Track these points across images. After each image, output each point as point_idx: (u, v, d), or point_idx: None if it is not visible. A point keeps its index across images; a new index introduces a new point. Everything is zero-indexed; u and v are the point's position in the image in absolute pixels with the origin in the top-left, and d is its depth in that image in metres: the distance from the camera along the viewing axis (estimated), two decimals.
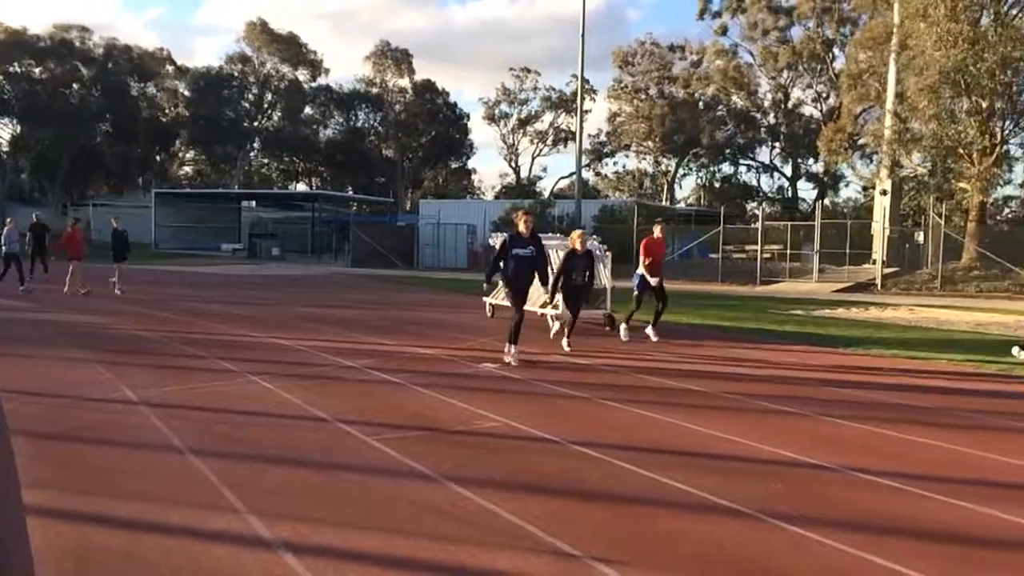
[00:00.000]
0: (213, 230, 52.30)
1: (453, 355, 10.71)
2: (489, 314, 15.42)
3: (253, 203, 60.60)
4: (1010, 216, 39.60)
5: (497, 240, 9.57)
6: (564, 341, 11.52)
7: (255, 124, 68.06)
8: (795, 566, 4.00)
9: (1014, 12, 27.40)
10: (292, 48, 66.46)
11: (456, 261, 37.60)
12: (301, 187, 75.24)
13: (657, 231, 12.92)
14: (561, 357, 10.72)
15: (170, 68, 67.29)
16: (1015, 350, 11.32)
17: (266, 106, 68.64)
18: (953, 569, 3.98)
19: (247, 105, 67.61)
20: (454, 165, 73.71)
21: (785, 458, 5.96)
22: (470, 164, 78.35)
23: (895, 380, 9.51)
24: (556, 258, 13.98)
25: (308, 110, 71.28)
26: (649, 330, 12.66)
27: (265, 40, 65.37)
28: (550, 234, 17.43)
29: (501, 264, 10.15)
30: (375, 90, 69.11)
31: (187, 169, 76.47)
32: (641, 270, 12.69)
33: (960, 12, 25.41)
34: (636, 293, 12.82)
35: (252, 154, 72.06)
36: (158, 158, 67.94)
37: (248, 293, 21.23)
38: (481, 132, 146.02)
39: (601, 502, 4.92)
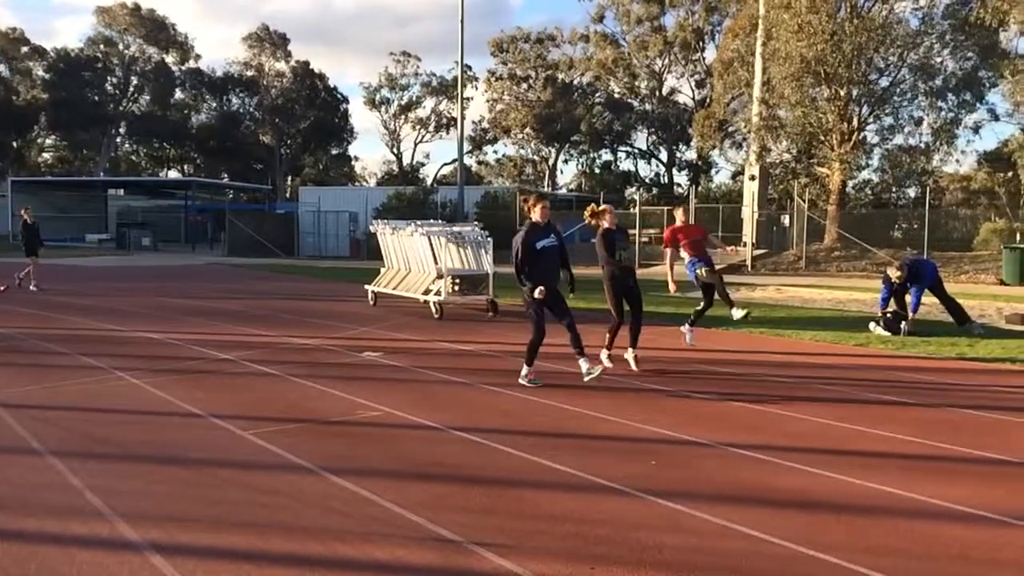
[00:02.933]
0: (77, 220, 49.49)
1: (334, 345, 10.52)
2: (372, 302, 15.24)
3: (121, 191, 57.68)
4: (868, 199, 42.00)
5: (517, 244, 7.81)
6: (628, 355, 9.13)
7: (120, 108, 64.75)
8: (667, 539, 4.12)
9: (869, 5, 28.96)
10: (159, 30, 63.51)
11: (338, 249, 36.92)
12: (173, 174, 72.18)
13: (679, 215, 10.63)
14: (443, 344, 10.69)
15: (25, 49, 63.14)
16: (872, 325, 12.03)
17: (132, 90, 65.42)
18: (813, 534, 4.20)
19: (111, 89, 64.24)
20: (335, 151, 72.28)
21: (662, 436, 6.14)
22: (351, 150, 77.20)
23: (763, 357, 9.94)
24: (438, 245, 13.95)
25: (179, 94, 68.36)
26: (686, 328, 10.34)
27: (130, 21, 62.21)
28: (432, 221, 17.36)
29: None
30: (250, 74, 66.92)
31: (47, 156, 72.04)
32: (687, 257, 10.28)
33: (819, 4, 26.68)
34: (701, 283, 10.31)
35: (118, 140, 68.58)
36: (14, 144, 63.71)
37: (116, 285, 20.22)
38: (363, 118, 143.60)
39: (483, 487, 4.94)
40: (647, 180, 61.73)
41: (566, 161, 65.93)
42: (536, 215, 8.17)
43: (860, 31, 26.82)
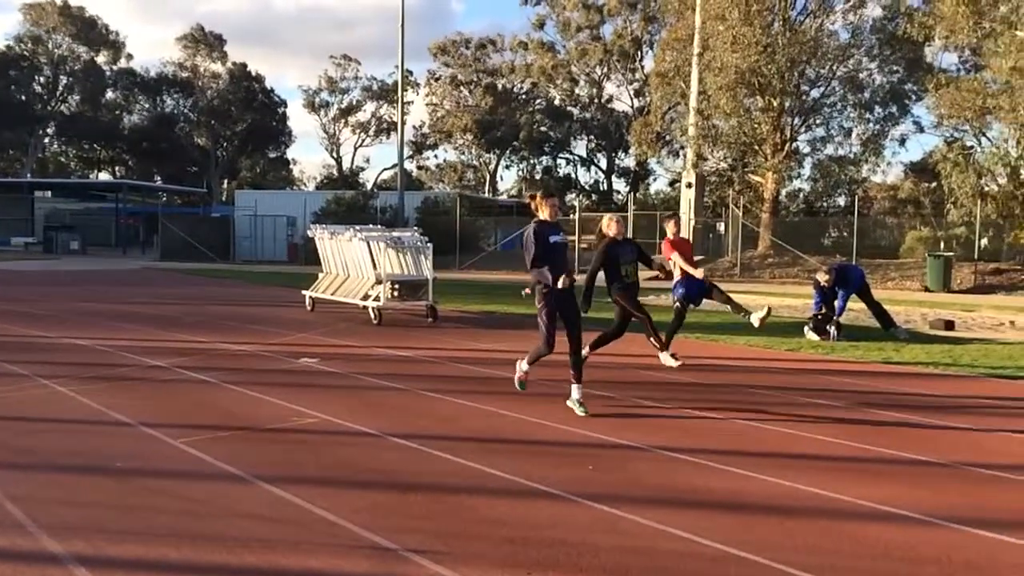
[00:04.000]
0: (2, 223, 47.84)
1: (270, 351, 10.37)
2: (309, 308, 15.05)
3: (48, 193, 55.93)
4: (800, 208, 43.07)
5: (530, 235, 7.18)
6: (664, 356, 9.08)
7: (49, 108, 62.81)
8: (603, 542, 4.16)
9: (801, 18, 29.75)
10: (90, 28, 61.82)
11: (275, 254, 36.42)
12: (104, 176, 70.22)
13: (671, 228, 10.33)
14: (382, 350, 10.62)
15: None
16: (806, 330, 12.34)
17: (61, 90, 63.54)
18: (744, 535, 4.28)
19: (39, 88, 62.29)
20: (272, 154, 71.21)
21: (599, 440, 6.20)
22: (290, 154, 76.15)
23: (698, 362, 10.11)
24: (377, 250, 13.85)
25: (110, 94, 66.61)
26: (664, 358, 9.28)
27: (60, 19, 60.44)
28: (371, 225, 17.25)
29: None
30: (185, 75, 65.59)
31: None
32: (677, 274, 10.24)
33: (753, 16, 27.31)
34: (676, 305, 10.35)
35: (46, 140, 66.50)
36: None
37: (43, 290, 19.60)
38: (302, 121, 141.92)
39: (420, 493, 4.92)
40: (587, 187, 62.27)
41: (507, 167, 66.14)
42: (545, 213, 7.38)
43: (792, 44, 27.55)
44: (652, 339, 8.99)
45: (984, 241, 27.09)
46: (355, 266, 14.34)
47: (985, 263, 24.77)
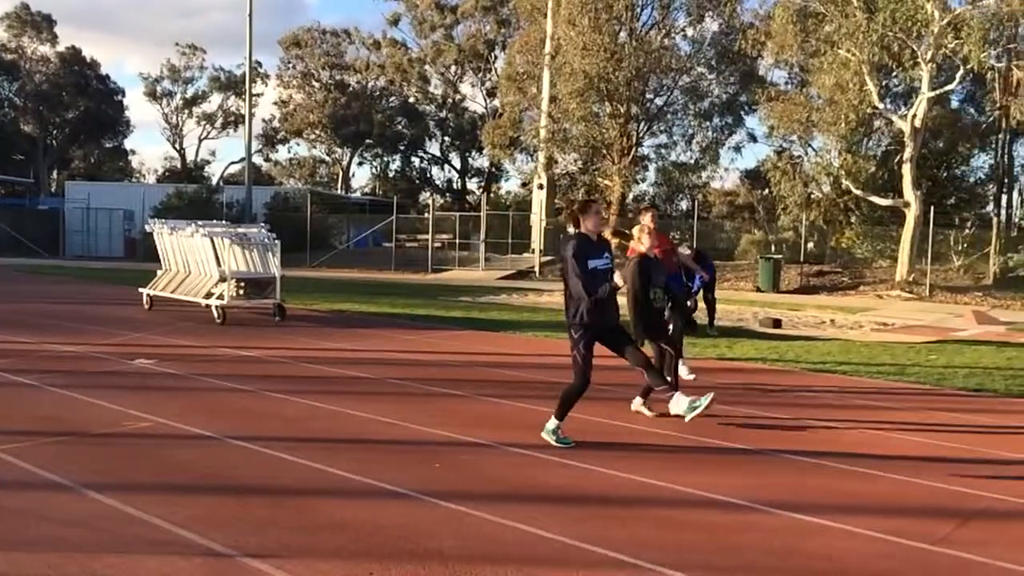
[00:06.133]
0: None
1: (103, 352, 9.80)
2: (147, 306, 14.32)
3: None
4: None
5: (569, 257, 6.11)
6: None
7: None
8: (448, 539, 4.20)
9: (646, 29, 30.96)
10: None
11: (111, 250, 34.36)
12: None
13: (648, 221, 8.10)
14: (225, 350, 10.25)
15: None
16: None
17: None
18: (583, 526, 4.43)
19: None
20: (109, 145, 67.06)
21: (447, 438, 6.24)
22: (128, 144, 71.83)
23: (547, 360, 10.35)
24: (221, 246, 13.35)
25: None
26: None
27: None
28: (215, 221, 16.60)
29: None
30: (10, 57, 60.78)
31: None
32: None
33: (603, 24, 28.19)
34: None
35: None
36: None
37: None
38: (142, 111, 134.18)
39: (261, 497, 4.80)
40: (440, 185, 62.29)
41: (360, 164, 65.18)
42: (589, 224, 6.24)
43: (638, 53, 28.62)
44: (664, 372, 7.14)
45: (810, 245, 29.06)
46: (197, 263, 13.77)
47: (810, 265, 26.59)
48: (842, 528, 4.53)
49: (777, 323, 14.41)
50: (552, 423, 6.15)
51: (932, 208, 24.25)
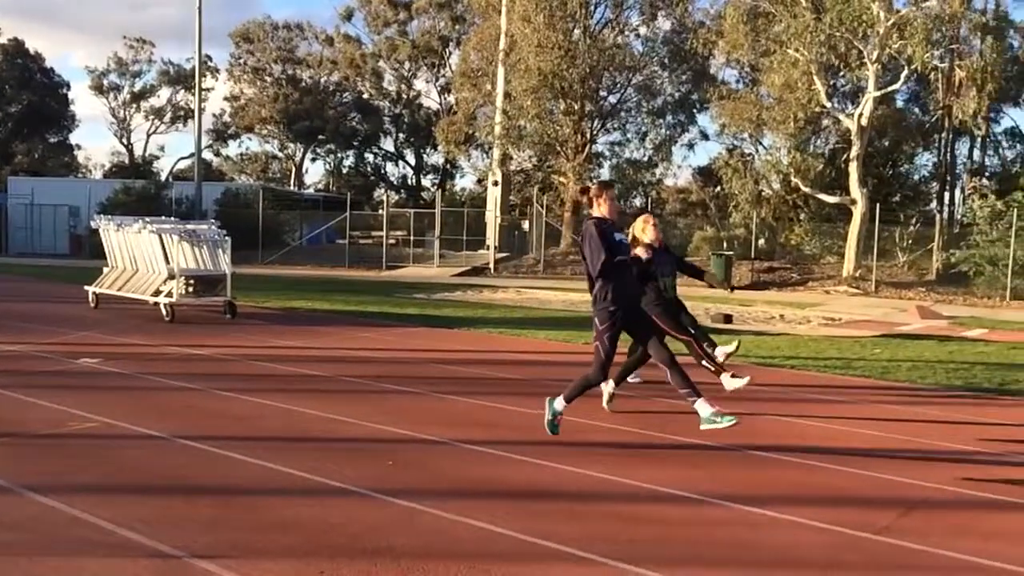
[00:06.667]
0: None
1: (46, 351, 9.56)
2: (93, 304, 14.02)
3: None
4: None
5: (593, 234, 5.94)
6: (725, 379, 7.31)
7: None
8: (400, 537, 4.19)
9: (600, 27, 31.13)
10: None
11: (56, 247, 33.55)
12: None
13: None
14: (174, 348, 10.08)
15: None
16: None
17: None
18: (538, 522, 4.45)
19: None
20: (53, 139, 65.45)
21: (399, 436, 6.21)
22: (73, 139, 70.23)
23: (500, 356, 10.37)
24: (169, 243, 13.12)
25: None
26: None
27: None
28: (164, 217, 16.32)
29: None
30: None
31: None
32: None
33: (557, 21, 28.28)
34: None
35: None
36: None
37: None
38: (89, 105, 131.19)
39: (210, 497, 4.74)
40: (395, 182, 61.92)
41: (313, 160, 64.49)
42: (604, 209, 6.11)
43: (592, 50, 28.77)
44: (705, 361, 7.29)
45: (761, 241, 29.51)
46: (145, 260, 13.52)
47: (761, 262, 27.02)
48: (790, 519, 4.61)
49: (728, 318, 14.62)
50: (559, 403, 6.09)
51: (878, 205, 24.79)
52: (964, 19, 24.05)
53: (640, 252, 6.20)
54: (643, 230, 6.77)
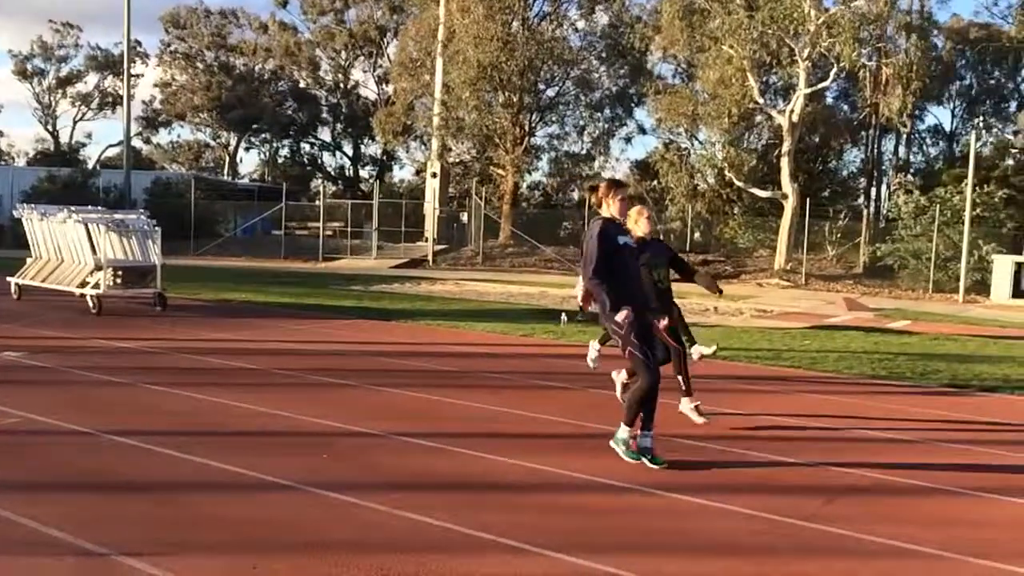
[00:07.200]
0: None
1: None
2: (15, 296, 13.55)
3: None
4: (539, 200, 45.19)
5: (593, 237, 5.60)
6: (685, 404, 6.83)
7: None
8: (334, 530, 4.17)
9: (539, 20, 31.20)
10: None
11: None
12: None
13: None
14: (101, 341, 9.80)
15: None
16: (563, 317, 13.03)
17: None
18: (473, 513, 4.47)
19: None
20: None
21: (335, 429, 6.16)
22: None
23: (438, 348, 10.35)
24: (96, 233, 12.75)
25: None
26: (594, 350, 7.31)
27: None
28: (91, 207, 15.84)
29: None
30: None
31: None
32: None
33: (495, 13, 28.25)
34: None
35: None
36: None
37: None
38: (11, 89, 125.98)
39: (139, 494, 4.64)
40: (332, 173, 61.16)
41: (247, 149, 63.27)
42: (614, 208, 5.77)
43: (531, 43, 28.83)
44: (682, 378, 6.84)
45: (696, 235, 30.01)
46: (71, 250, 13.10)
47: (696, 254, 27.46)
48: (719, 507, 4.72)
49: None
50: (622, 432, 5.51)
51: (808, 200, 25.43)
52: (891, 18, 24.79)
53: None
54: (636, 222, 6.47)
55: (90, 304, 12.28)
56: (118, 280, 12.87)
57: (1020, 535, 4.53)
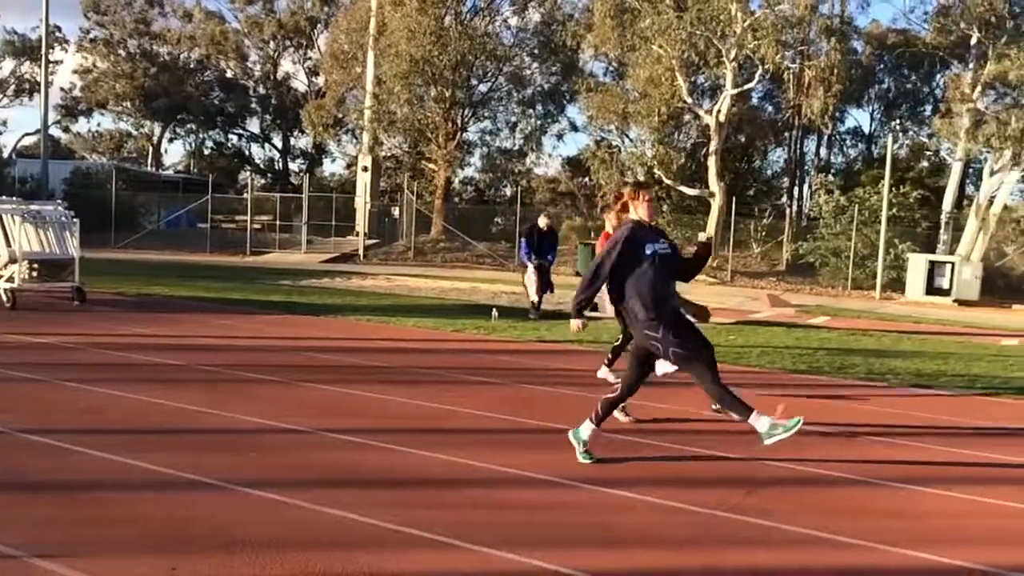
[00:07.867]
0: None
1: None
2: None
3: None
4: (471, 195, 45.16)
5: (624, 232, 5.47)
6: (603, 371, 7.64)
7: None
8: (258, 528, 4.10)
9: (472, 15, 31.15)
10: None
11: None
12: None
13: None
14: (15, 336, 9.44)
15: None
16: (494, 312, 13.10)
17: None
18: (399, 509, 4.45)
19: None
20: None
21: (263, 426, 6.06)
22: None
23: (368, 344, 10.26)
24: (10, 224, 12.27)
25: None
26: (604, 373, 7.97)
27: None
28: (4, 197, 15.24)
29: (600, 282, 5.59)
30: None
31: None
32: None
33: (428, 7, 28.10)
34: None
35: None
36: None
37: None
38: None
39: (54, 494, 4.49)
40: (261, 165, 60.00)
41: (172, 140, 61.62)
42: (641, 212, 5.60)
43: (463, 38, 28.76)
44: (609, 354, 7.29)
45: None
46: None
47: None
48: (645, 500, 4.81)
49: (593, 307, 14.98)
50: (763, 423, 5.22)
51: (734, 199, 26.00)
52: (812, 22, 25.49)
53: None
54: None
55: (3, 298, 11.83)
56: (34, 273, 12.45)
57: (928, 523, 4.73)
